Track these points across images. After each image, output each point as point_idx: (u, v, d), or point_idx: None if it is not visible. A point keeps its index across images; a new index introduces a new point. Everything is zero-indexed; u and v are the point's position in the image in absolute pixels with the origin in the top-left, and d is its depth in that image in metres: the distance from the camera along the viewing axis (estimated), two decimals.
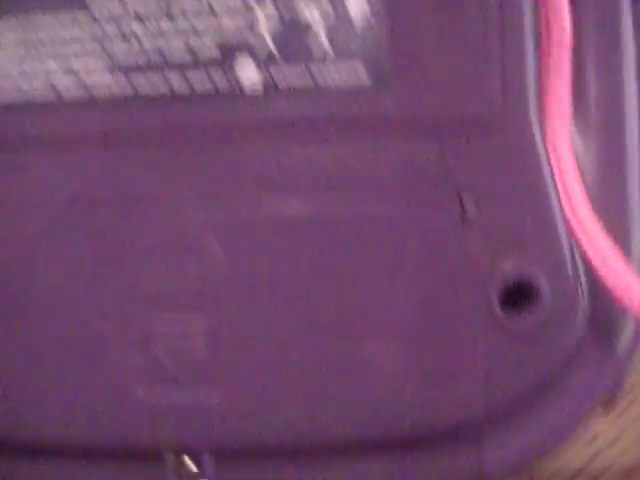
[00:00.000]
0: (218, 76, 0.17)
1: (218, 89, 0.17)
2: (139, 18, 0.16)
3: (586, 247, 0.16)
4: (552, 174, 0.16)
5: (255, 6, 0.17)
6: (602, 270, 0.16)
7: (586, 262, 0.16)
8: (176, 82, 0.17)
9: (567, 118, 0.17)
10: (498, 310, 0.16)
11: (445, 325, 0.16)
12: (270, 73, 0.17)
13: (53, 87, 0.17)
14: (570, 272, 0.16)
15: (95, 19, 0.17)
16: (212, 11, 0.17)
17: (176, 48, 0.17)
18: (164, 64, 0.17)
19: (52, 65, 0.17)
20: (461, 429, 0.16)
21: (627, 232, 0.16)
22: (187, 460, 0.16)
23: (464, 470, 0.16)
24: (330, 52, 0.16)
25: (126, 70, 0.17)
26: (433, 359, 0.16)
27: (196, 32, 0.17)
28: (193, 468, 0.16)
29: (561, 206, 0.16)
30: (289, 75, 0.16)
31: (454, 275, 0.16)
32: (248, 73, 0.17)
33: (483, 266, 0.16)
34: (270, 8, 0.17)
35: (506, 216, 0.16)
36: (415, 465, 0.16)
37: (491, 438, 0.16)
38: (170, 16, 0.17)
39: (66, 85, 0.17)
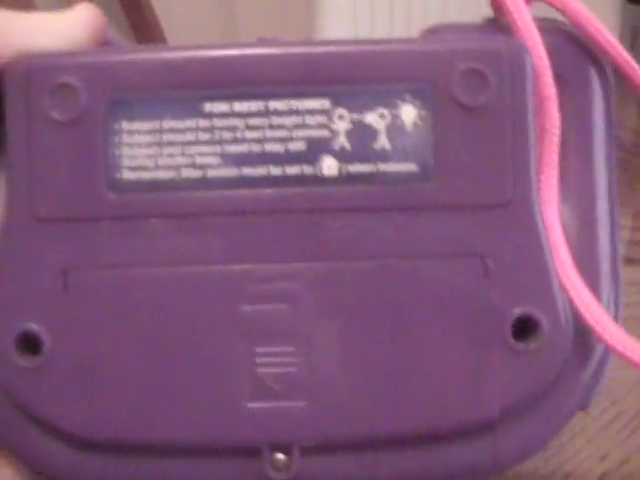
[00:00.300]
0: (305, 163, 0.22)
1: (304, 173, 0.22)
2: (248, 126, 0.22)
3: (571, 294, 0.22)
4: (548, 240, 0.22)
5: (331, 108, 0.22)
6: (582, 310, 0.22)
7: (571, 304, 0.22)
8: (272, 169, 0.22)
9: (556, 195, 0.23)
10: (511, 339, 0.22)
11: (473, 349, 0.22)
12: (343, 161, 0.22)
13: (181, 177, 0.21)
14: (561, 312, 0.22)
15: (213, 126, 0.21)
16: (298, 112, 0.22)
17: (271, 140, 0.22)
18: (263, 155, 0.22)
19: (180, 160, 0.21)
20: (481, 423, 0.22)
21: (598, 277, 0.23)
22: (280, 454, 0.22)
23: (482, 454, 0.22)
24: (388, 147, 0.22)
25: (236, 164, 0.22)
26: (464, 373, 0.22)
27: (287, 129, 0.22)
28: (285, 460, 0.22)
29: (554, 263, 0.22)
30: (357, 164, 0.22)
31: (481, 314, 0.22)
32: (327, 162, 0.22)
33: (501, 308, 0.22)
34: (343, 111, 0.22)
35: (517, 272, 0.22)
36: (446, 449, 0.22)
37: (503, 430, 0.22)
38: (267, 115, 0.22)
39: (191, 175, 0.21)
